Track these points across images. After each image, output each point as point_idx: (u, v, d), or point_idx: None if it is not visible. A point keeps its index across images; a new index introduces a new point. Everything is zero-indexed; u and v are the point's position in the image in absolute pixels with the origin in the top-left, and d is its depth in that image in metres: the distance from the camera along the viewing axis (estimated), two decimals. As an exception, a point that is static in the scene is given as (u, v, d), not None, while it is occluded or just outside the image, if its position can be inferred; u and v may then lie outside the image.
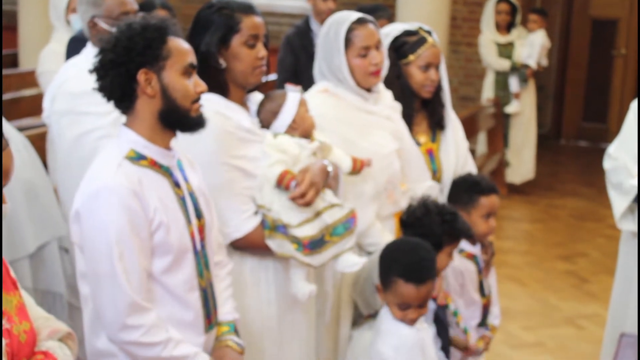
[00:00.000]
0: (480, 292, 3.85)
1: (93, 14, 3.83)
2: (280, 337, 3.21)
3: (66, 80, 3.75)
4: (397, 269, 3.17)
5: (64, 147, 3.72)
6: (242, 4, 3.10)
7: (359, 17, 3.46)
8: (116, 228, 2.54)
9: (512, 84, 9.15)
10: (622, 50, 11.70)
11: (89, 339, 2.71)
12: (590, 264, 7.39)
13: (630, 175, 4.18)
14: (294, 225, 3.03)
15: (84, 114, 3.62)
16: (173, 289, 2.67)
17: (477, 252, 3.85)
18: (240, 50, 3.07)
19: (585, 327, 6.10)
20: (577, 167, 10.79)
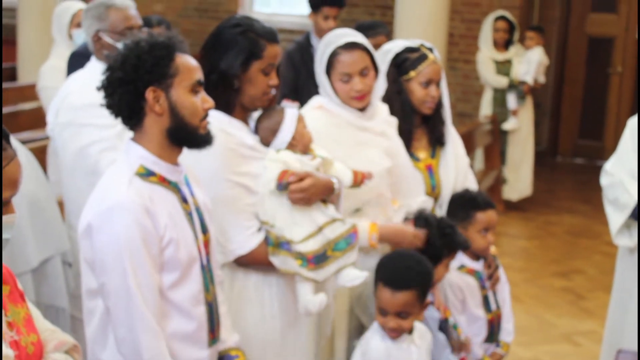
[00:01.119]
0: (485, 307, 3.85)
1: (97, 28, 3.85)
2: (283, 351, 3.21)
3: (69, 94, 3.77)
4: (380, 273, 3.21)
5: (68, 159, 3.74)
6: (268, 31, 3.11)
7: (347, 41, 3.45)
8: (129, 245, 2.54)
9: (509, 101, 9.17)
10: (618, 68, 11.73)
11: (92, 351, 2.71)
12: (586, 281, 7.39)
13: (626, 191, 4.20)
14: (297, 240, 3.03)
15: (87, 126, 3.64)
16: (180, 304, 2.68)
17: (479, 267, 3.85)
18: (256, 76, 3.09)
19: (582, 343, 6.11)
20: (573, 184, 10.79)
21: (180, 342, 2.69)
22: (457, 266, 3.77)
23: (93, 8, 3.93)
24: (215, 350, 2.85)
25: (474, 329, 3.81)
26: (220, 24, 3.18)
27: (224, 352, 2.92)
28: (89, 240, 2.60)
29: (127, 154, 2.70)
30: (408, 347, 3.25)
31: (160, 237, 2.61)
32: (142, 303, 2.57)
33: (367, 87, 3.45)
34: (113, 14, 3.87)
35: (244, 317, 3.14)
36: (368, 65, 3.46)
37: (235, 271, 3.15)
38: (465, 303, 3.79)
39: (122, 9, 3.90)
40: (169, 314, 2.67)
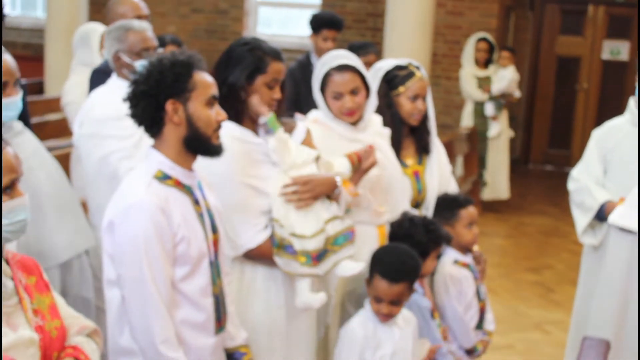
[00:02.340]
0: (477, 297, 3.86)
1: (117, 48, 3.84)
2: (288, 338, 3.21)
3: (93, 108, 3.77)
4: (377, 266, 3.22)
5: (92, 166, 3.73)
6: (273, 50, 3.13)
7: (340, 64, 3.44)
8: (146, 240, 2.55)
9: (487, 109, 9.24)
10: (584, 84, 11.77)
11: (112, 337, 2.70)
12: (555, 275, 7.41)
13: (591, 196, 4.20)
14: (309, 235, 3.03)
15: (108, 137, 3.63)
16: (190, 295, 2.68)
17: (470, 261, 3.87)
18: (261, 89, 3.09)
19: (551, 331, 6.11)
20: (544, 189, 10.80)
21: (189, 329, 2.69)
22: (452, 261, 3.79)
23: (114, 30, 3.93)
24: (221, 338, 2.84)
25: (469, 315, 3.83)
26: (232, 43, 3.19)
27: (233, 349, 2.93)
28: (111, 235, 2.61)
29: (147, 159, 2.71)
30: (391, 329, 3.26)
31: (174, 234, 2.61)
32: (155, 293, 2.57)
33: (356, 104, 3.44)
34: (131, 36, 3.86)
35: (252, 307, 3.13)
36: (359, 85, 3.45)
37: (244, 265, 3.14)
38: (462, 293, 3.80)
39: (140, 32, 3.90)
40: (180, 304, 2.67)
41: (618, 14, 11.50)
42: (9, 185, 2.15)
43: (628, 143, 4.23)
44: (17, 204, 2.17)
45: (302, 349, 3.28)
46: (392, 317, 3.25)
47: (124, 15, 4.72)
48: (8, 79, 3.23)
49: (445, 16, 10.65)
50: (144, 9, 4.83)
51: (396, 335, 3.27)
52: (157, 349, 2.57)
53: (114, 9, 4.84)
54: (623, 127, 4.30)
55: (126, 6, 4.79)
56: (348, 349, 3.22)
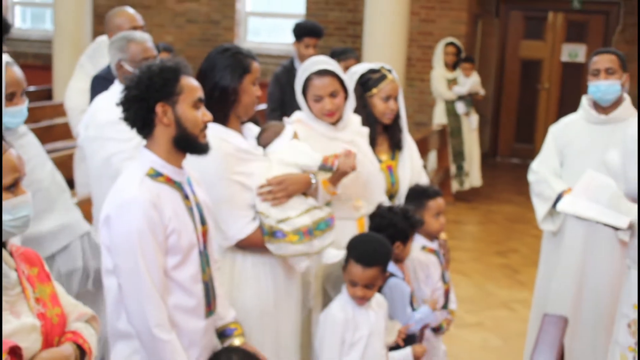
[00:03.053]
0: (442, 280, 3.86)
1: (120, 57, 3.82)
2: (276, 319, 3.21)
3: (96, 112, 3.75)
4: (353, 253, 3.21)
5: (95, 167, 3.72)
6: (249, 52, 3.14)
7: (320, 69, 3.44)
8: (139, 232, 2.54)
9: (459, 108, 9.30)
10: (545, 84, 11.80)
11: (110, 321, 2.70)
12: (520, 258, 7.43)
13: (549, 186, 4.22)
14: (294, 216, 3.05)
15: (110, 139, 3.61)
16: (181, 282, 2.66)
17: (436, 247, 3.87)
18: (248, 87, 3.10)
19: (517, 309, 6.13)
20: (510, 179, 10.83)
21: (181, 313, 2.68)
22: (420, 247, 3.78)
23: (117, 41, 3.91)
24: (212, 321, 2.83)
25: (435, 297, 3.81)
26: (212, 52, 3.18)
27: (224, 326, 2.92)
28: (108, 228, 2.59)
29: (140, 158, 2.70)
30: (367, 312, 3.26)
31: (165, 227, 2.60)
32: (149, 281, 2.56)
33: (335, 106, 3.44)
34: (133, 47, 3.84)
35: (243, 292, 3.12)
36: (337, 88, 3.44)
37: (235, 254, 3.13)
38: (429, 277, 3.80)
39: (140, 43, 3.88)
40: (172, 291, 2.65)
41: (575, 19, 11.54)
42: (13, 184, 2.14)
43: (581, 137, 4.25)
44: (20, 201, 2.15)
45: (288, 330, 3.28)
46: (366, 301, 3.24)
47: (121, 25, 4.71)
48: (16, 89, 3.23)
49: (418, 23, 10.65)
50: (139, 20, 4.82)
51: (372, 318, 3.26)
52: (152, 332, 2.56)
53: (112, 20, 4.84)
54: (577, 122, 4.32)
55: (123, 18, 4.79)
56: (331, 332, 3.21)
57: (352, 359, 3.20)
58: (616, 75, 4.12)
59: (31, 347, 2.09)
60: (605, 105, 4.19)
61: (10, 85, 3.20)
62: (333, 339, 3.20)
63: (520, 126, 12.00)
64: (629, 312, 3.08)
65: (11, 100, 3.22)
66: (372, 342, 3.23)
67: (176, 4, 12.19)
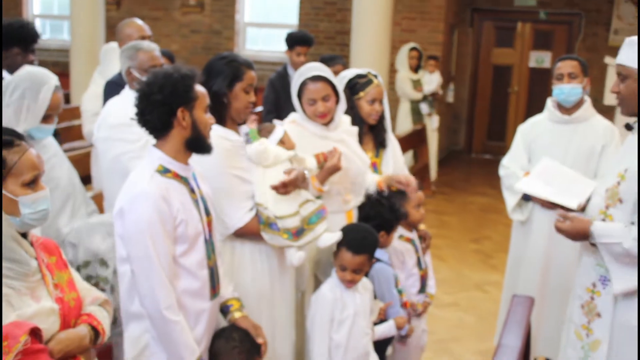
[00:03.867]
0: (418, 267, 3.85)
1: (129, 65, 3.79)
2: (272, 301, 3.21)
3: (108, 115, 3.72)
4: (344, 240, 3.21)
5: (106, 164, 3.69)
6: (246, 61, 3.11)
7: (314, 74, 3.43)
8: (150, 223, 2.53)
9: (423, 108, 9.34)
10: (515, 88, 11.81)
11: (124, 305, 2.70)
12: (493, 245, 7.44)
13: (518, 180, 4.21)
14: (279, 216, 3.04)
15: (119, 140, 3.59)
16: (188, 267, 2.66)
17: (414, 236, 3.85)
18: (240, 94, 3.07)
19: (489, 291, 6.15)
20: (484, 174, 10.83)
21: (189, 296, 2.68)
22: (397, 236, 3.77)
23: (126, 50, 3.87)
24: (216, 303, 2.83)
25: (410, 282, 3.81)
26: (211, 59, 3.16)
27: (223, 303, 2.91)
28: (121, 220, 2.58)
29: (150, 156, 2.68)
30: (353, 293, 3.26)
31: (174, 218, 2.59)
32: (159, 267, 2.55)
33: (327, 109, 3.43)
34: (141, 55, 3.81)
35: (242, 276, 3.12)
36: (329, 92, 3.44)
37: (234, 242, 3.12)
38: (404, 263, 3.79)
39: (148, 51, 3.85)
40: (180, 275, 2.65)
41: (542, 29, 11.54)
42: (33, 180, 2.13)
43: (547, 135, 4.25)
44: (40, 196, 2.14)
45: (283, 310, 3.28)
46: (354, 284, 3.25)
47: (131, 35, 4.69)
48: (54, 112, 3.27)
49: (400, 33, 10.62)
50: (147, 30, 4.80)
51: (357, 299, 3.27)
52: (162, 313, 2.56)
53: (122, 30, 4.82)
54: (543, 122, 4.32)
55: (132, 28, 4.77)
56: (321, 311, 3.22)
57: (340, 336, 3.21)
58: (578, 80, 4.13)
59: (50, 329, 2.09)
60: (568, 107, 4.20)
61: (52, 109, 3.24)
62: (323, 317, 3.20)
63: (492, 125, 12.01)
64: (582, 293, 3.09)
65: (47, 120, 3.25)
66: (357, 320, 3.24)
67: (181, 16, 12.15)
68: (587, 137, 4.16)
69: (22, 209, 2.09)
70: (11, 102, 3.18)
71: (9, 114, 3.17)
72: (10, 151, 2.08)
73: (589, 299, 3.04)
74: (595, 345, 3.00)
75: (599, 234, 2.91)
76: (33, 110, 3.18)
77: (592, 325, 3.01)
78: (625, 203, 2.89)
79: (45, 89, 3.22)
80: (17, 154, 2.09)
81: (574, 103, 4.18)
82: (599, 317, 2.99)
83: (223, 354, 2.78)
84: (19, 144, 2.11)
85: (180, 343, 2.60)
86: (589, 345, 3.02)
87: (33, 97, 3.18)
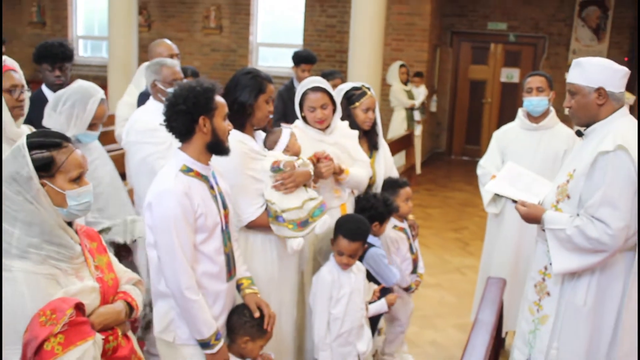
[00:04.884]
0: (410, 251, 3.87)
1: (154, 79, 3.80)
2: (279, 283, 3.20)
3: (136, 122, 3.72)
4: (341, 229, 3.21)
5: (134, 165, 3.68)
6: (267, 76, 3.10)
7: (314, 86, 3.42)
8: (174, 216, 2.52)
9: (416, 116, 9.42)
10: (488, 99, 11.79)
11: (153, 284, 2.69)
12: (470, 234, 7.44)
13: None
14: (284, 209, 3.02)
15: (146, 143, 3.58)
16: (207, 253, 2.65)
17: (405, 226, 3.87)
18: (262, 105, 3.06)
19: (467, 273, 6.15)
20: (462, 173, 10.83)
21: (208, 279, 2.67)
22: (392, 226, 3.79)
23: (152, 65, 3.88)
24: (232, 283, 2.82)
25: (404, 265, 3.84)
26: (236, 73, 3.14)
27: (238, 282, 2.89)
28: (150, 212, 2.57)
29: (175, 157, 2.67)
30: (348, 274, 3.27)
31: (195, 211, 2.58)
32: (181, 254, 2.54)
33: (324, 116, 3.43)
34: (165, 70, 3.81)
35: (254, 262, 3.11)
36: (327, 102, 3.43)
37: (248, 233, 3.12)
38: (399, 249, 3.81)
39: (171, 67, 3.85)
40: (200, 260, 2.64)
41: (511, 49, 11.53)
42: (78, 177, 2.12)
43: (518, 140, 4.25)
44: (84, 190, 2.13)
45: (288, 291, 3.27)
46: (349, 266, 3.25)
47: (161, 53, 4.69)
48: (100, 121, 3.27)
49: (390, 52, 10.60)
50: (175, 49, 4.80)
51: (352, 280, 3.27)
52: (183, 293, 2.56)
53: (154, 49, 4.82)
54: (514, 129, 4.31)
55: (162, 47, 4.78)
56: (321, 290, 3.23)
57: (338, 310, 3.21)
58: (545, 93, 4.13)
59: (91, 304, 2.08)
60: (536, 116, 4.20)
61: (97, 118, 3.25)
62: (323, 295, 3.20)
63: (469, 131, 12.00)
64: (536, 275, 3.10)
65: (92, 127, 3.26)
66: (353, 297, 3.24)
67: (203, 37, 12.13)
68: (552, 142, 4.16)
69: (68, 201, 2.09)
70: (63, 111, 3.20)
71: (62, 120, 3.19)
72: (59, 152, 2.08)
73: (541, 279, 3.05)
74: (544, 319, 3.02)
75: (548, 221, 2.94)
76: (81, 119, 3.20)
77: (543, 302, 3.03)
78: (572, 198, 2.90)
79: (92, 101, 3.23)
80: (64, 154, 2.09)
81: (541, 113, 4.18)
82: (548, 296, 3.01)
83: (237, 327, 2.78)
84: (66, 145, 2.11)
85: (199, 319, 2.60)
86: (538, 319, 3.04)
87: (82, 108, 3.20)
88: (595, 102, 2.86)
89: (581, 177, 2.84)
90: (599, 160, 2.77)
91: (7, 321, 1.94)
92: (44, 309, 1.92)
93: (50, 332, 1.89)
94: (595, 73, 2.84)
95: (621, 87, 2.86)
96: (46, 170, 2.04)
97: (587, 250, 2.81)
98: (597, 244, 2.76)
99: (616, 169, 2.72)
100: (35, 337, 1.88)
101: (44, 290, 1.98)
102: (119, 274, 2.27)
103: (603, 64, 2.86)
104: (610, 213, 2.73)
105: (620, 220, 2.72)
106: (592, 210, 2.77)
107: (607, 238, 2.74)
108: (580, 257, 2.82)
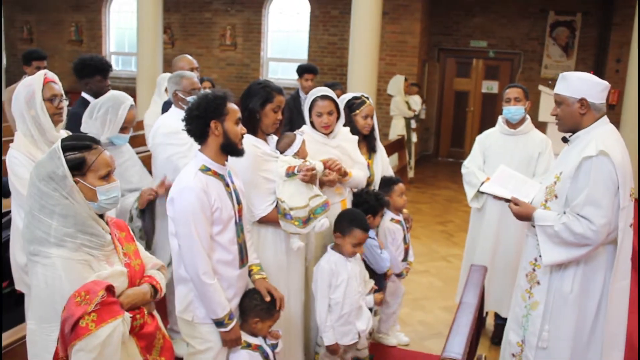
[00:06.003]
0: (404, 242, 3.86)
1: (175, 89, 3.79)
2: (288, 271, 3.18)
3: (160, 127, 3.70)
4: (356, 223, 3.19)
5: (159, 164, 3.67)
6: (277, 87, 3.07)
7: (322, 94, 3.41)
8: (193, 210, 2.51)
9: (412, 123, 9.33)
10: (471, 108, 11.75)
11: (175, 269, 2.68)
12: (455, 227, 7.40)
13: (475, 177, 4.19)
14: (291, 207, 2.99)
15: (169, 144, 3.57)
16: (222, 243, 2.64)
17: (401, 219, 3.87)
18: (269, 112, 3.03)
19: (452, 261, 6.12)
20: (448, 172, 10.79)
21: (222, 265, 2.66)
22: (389, 219, 3.78)
23: (173, 77, 3.87)
24: (245, 270, 2.80)
25: (398, 253, 3.83)
26: (251, 83, 3.12)
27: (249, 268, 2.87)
28: (172, 206, 2.56)
29: (195, 158, 2.66)
30: (345, 263, 3.26)
31: (211, 206, 2.57)
32: (199, 243, 2.53)
33: (330, 121, 3.41)
34: (185, 81, 3.80)
35: (265, 254, 3.09)
36: (333, 109, 3.41)
37: (260, 227, 3.10)
38: (395, 239, 3.81)
39: (190, 78, 3.84)
40: (216, 249, 2.63)
41: (491, 64, 11.49)
42: (107, 174, 2.11)
43: (498, 144, 4.22)
44: (112, 186, 2.12)
45: (296, 278, 3.25)
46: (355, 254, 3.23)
47: (183, 67, 4.68)
48: (130, 125, 3.27)
49: (385, 65, 10.59)
50: (195, 63, 4.80)
51: (349, 267, 3.25)
52: (200, 278, 2.56)
53: (177, 63, 4.82)
54: (495, 134, 4.29)
55: (184, 61, 4.77)
56: (321, 277, 3.21)
57: (337, 295, 3.20)
58: (522, 103, 4.11)
59: (120, 287, 2.07)
60: (514, 123, 4.17)
61: (128, 123, 3.25)
62: (323, 282, 3.19)
63: (454, 136, 11.96)
64: (527, 266, 3.08)
65: (124, 131, 3.26)
66: (350, 283, 3.22)
67: (220, 53, 12.12)
68: (528, 146, 4.13)
69: (99, 196, 2.08)
70: (98, 117, 3.21)
71: (97, 125, 3.21)
72: (90, 153, 2.08)
73: (532, 270, 3.04)
74: (534, 305, 3.00)
75: (538, 218, 2.93)
76: (114, 123, 3.21)
77: (533, 290, 3.01)
78: (559, 198, 2.89)
79: (123, 107, 3.24)
80: (94, 155, 2.08)
81: (518, 120, 4.16)
82: (538, 284, 3.00)
83: (248, 309, 2.77)
84: (96, 147, 2.11)
85: (214, 301, 2.59)
86: (530, 305, 3.02)
87: (114, 113, 3.21)
88: (578, 111, 2.86)
89: (567, 179, 2.84)
90: (583, 164, 2.77)
91: (47, 301, 1.96)
92: (79, 291, 1.92)
93: (85, 310, 1.89)
94: (578, 85, 2.84)
95: (601, 99, 2.86)
96: (79, 169, 2.04)
97: (573, 244, 2.80)
98: (582, 238, 2.76)
99: (599, 172, 2.72)
100: (71, 315, 1.89)
101: (79, 274, 1.98)
102: (145, 260, 2.26)
103: (585, 77, 2.86)
104: (593, 211, 2.73)
105: (602, 218, 2.73)
106: (578, 208, 2.77)
107: (591, 233, 2.74)
108: (567, 250, 2.82)
